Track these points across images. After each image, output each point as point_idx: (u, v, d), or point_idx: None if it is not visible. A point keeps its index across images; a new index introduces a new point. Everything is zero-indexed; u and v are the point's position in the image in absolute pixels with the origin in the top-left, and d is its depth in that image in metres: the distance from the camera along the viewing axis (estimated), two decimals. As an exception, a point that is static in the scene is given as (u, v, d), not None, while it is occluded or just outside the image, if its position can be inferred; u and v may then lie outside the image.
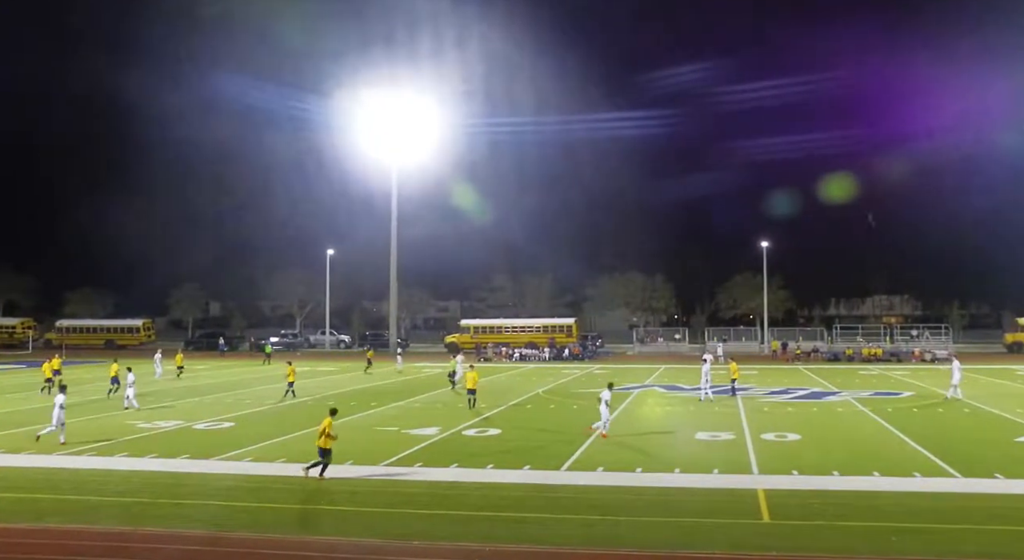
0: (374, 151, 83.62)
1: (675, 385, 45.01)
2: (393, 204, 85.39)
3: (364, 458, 23.09)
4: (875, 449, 24.62)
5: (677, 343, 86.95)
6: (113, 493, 19.09)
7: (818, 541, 15.14)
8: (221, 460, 23.08)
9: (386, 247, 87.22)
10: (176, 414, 33.01)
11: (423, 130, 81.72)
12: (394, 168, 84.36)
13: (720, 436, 26.83)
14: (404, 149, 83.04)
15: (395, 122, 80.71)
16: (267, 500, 18.44)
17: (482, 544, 14.97)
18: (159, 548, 15.14)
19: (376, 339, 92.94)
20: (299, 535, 15.73)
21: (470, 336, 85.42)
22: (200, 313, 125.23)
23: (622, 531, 15.88)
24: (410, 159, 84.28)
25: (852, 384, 45.69)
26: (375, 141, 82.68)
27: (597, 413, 26.57)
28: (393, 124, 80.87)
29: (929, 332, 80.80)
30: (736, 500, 18.22)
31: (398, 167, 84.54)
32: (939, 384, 44.89)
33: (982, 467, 21.40)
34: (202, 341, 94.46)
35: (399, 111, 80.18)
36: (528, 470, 21.35)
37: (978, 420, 31.00)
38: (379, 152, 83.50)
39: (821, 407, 35.12)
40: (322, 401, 37.39)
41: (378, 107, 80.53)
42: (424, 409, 34.67)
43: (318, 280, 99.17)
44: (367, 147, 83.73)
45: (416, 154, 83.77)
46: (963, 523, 16.44)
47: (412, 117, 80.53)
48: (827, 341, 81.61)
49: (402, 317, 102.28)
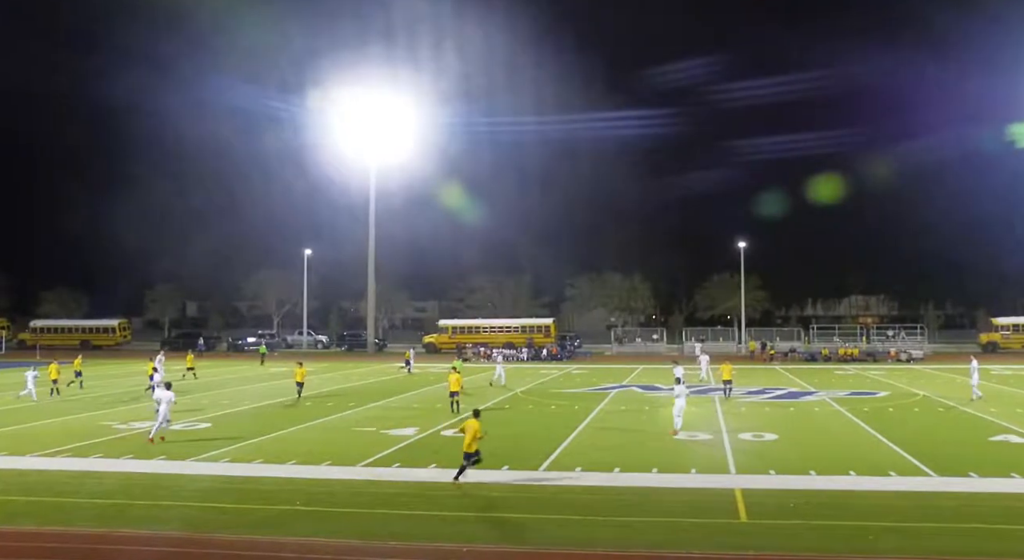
0: (353, 151, 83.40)
1: (653, 385, 45.07)
2: (371, 204, 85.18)
3: (342, 459, 23.01)
4: (851, 448, 24.77)
5: (655, 343, 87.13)
6: (88, 494, 18.93)
7: (795, 540, 15.21)
8: (198, 461, 22.94)
9: (364, 247, 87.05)
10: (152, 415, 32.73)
11: (402, 129, 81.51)
12: (373, 168, 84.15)
13: (698, 436, 26.90)
14: (383, 149, 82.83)
15: (374, 121, 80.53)
16: (244, 501, 18.33)
17: (460, 544, 14.94)
18: (135, 550, 15.03)
19: (354, 339, 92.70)
20: (276, 536, 15.64)
21: (448, 336, 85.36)
22: (177, 313, 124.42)
23: (600, 531, 15.89)
24: (389, 159, 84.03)
25: (829, 384, 45.94)
26: (354, 141, 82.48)
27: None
28: (372, 123, 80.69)
29: (905, 332, 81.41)
30: (713, 500, 18.27)
31: (377, 167, 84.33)
32: (914, 384, 45.23)
33: (957, 466, 21.56)
34: (179, 341, 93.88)
35: (378, 110, 79.99)
36: (506, 470, 21.33)
37: (953, 419, 31.24)
38: (358, 152, 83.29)
39: (798, 407, 35.30)
40: (299, 402, 37.27)
41: (357, 106, 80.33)
42: (402, 410, 34.60)
43: (296, 280, 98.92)
44: (346, 147, 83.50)
45: (395, 154, 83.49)
46: (938, 521, 16.56)
47: (391, 116, 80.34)
48: (804, 341, 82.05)
49: (380, 317, 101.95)
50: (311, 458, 23.10)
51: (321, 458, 23.02)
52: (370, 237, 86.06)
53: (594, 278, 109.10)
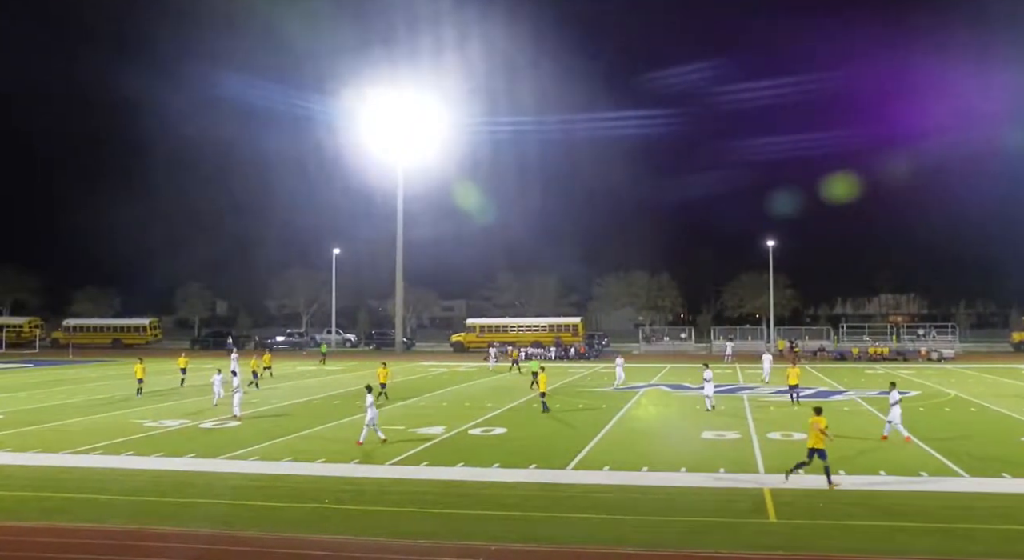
0: (380, 150, 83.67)
1: (681, 384, 44.94)
2: (399, 203, 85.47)
3: (370, 457, 23.12)
4: (881, 448, 24.58)
5: (683, 342, 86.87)
6: (119, 491, 19.11)
7: (825, 540, 15.13)
8: (227, 459, 23.11)
9: (392, 246, 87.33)
10: (182, 413, 33.02)
11: (428, 129, 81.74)
12: (400, 167, 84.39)
13: (726, 435, 26.81)
14: (409, 148, 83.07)
15: (400, 121, 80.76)
16: (273, 499, 18.45)
17: (488, 543, 14.96)
18: (167, 547, 15.15)
19: (382, 338, 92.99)
20: (306, 534, 15.72)
21: (476, 335, 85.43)
22: (207, 312, 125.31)
23: (628, 530, 15.87)
24: (415, 158, 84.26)
25: (858, 383, 45.63)
26: (381, 140, 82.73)
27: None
28: (398, 123, 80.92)
29: (936, 331, 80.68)
30: (742, 499, 18.19)
31: (404, 166, 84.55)
32: (945, 383, 44.83)
33: (989, 466, 21.36)
34: (208, 340, 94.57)
35: (404, 110, 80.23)
36: (534, 469, 21.35)
37: (985, 419, 30.93)
38: (385, 151, 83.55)
39: (827, 406, 34.96)
40: (327, 400, 37.47)
41: (383, 106, 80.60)
42: (430, 408, 34.69)
43: (324, 279, 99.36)
44: (373, 146, 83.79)
45: (421, 153, 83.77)
46: (970, 522, 16.41)
47: (417, 116, 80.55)
48: (833, 340, 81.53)
49: (408, 316, 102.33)
50: (339, 456, 23.20)
51: (350, 457, 23.13)
52: (398, 236, 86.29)
53: (621, 277, 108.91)
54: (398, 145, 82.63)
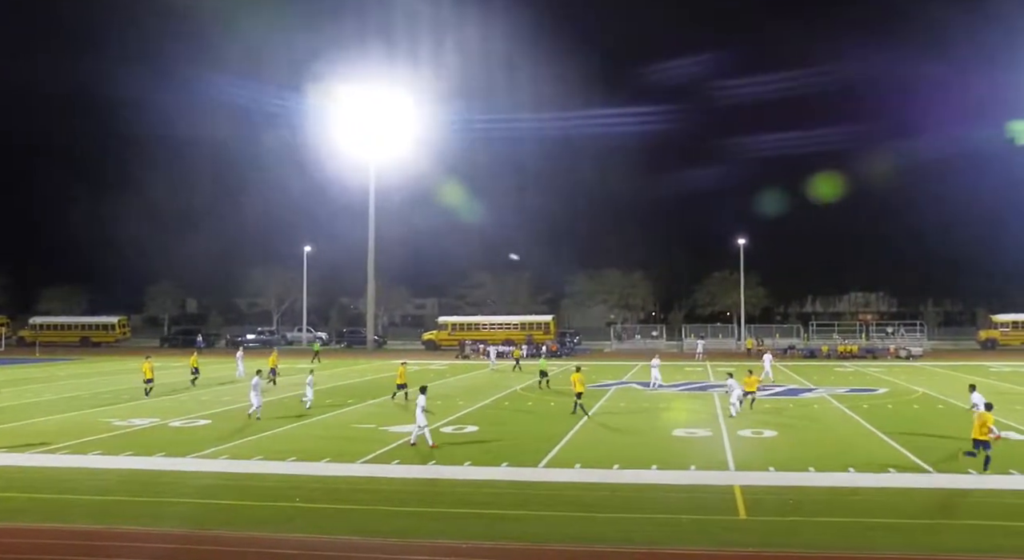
0: (352, 147, 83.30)
1: (652, 382, 45.06)
2: (371, 201, 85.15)
3: (342, 456, 23.05)
4: (850, 445, 24.79)
5: (654, 340, 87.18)
6: (87, 491, 18.95)
7: (794, 537, 15.23)
8: (197, 458, 22.96)
9: (364, 244, 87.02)
10: (151, 411, 32.77)
11: (402, 126, 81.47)
12: (372, 165, 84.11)
13: (697, 433, 26.93)
14: (383, 145, 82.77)
15: (374, 118, 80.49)
16: (244, 498, 18.36)
17: (459, 541, 14.96)
18: (135, 546, 15.03)
19: (353, 336, 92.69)
20: (276, 533, 15.65)
21: (448, 333, 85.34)
22: (176, 310, 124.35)
23: (599, 528, 15.91)
24: (389, 156, 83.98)
25: (828, 381, 45.98)
26: (354, 137, 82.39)
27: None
28: (372, 120, 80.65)
29: (904, 329, 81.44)
30: (713, 496, 18.29)
31: (376, 164, 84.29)
32: (913, 380, 45.26)
33: (955, 463, 21.57)
34: (178, 338, 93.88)
35: (378, 107, 79.97)
36: (506, 467, 21.37)
37: (951, 416, 31.22)
38: (357, 148, 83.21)
39: (797, 404, 35.31)
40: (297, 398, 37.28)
41: (357, 103, 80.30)
42: (401, 406, 34.59)
43: (295, 277, 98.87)
44: (345, 143, 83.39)
45: (395, 151, 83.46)
46: (937, 518, 16.59)
47: (391, 113, 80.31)
48: (803, 338, 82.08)
49: (380, 314, 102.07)
50: (311, 455, 23.12)
51: (321, 455, 23.05)
52: (370, 234, 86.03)
53: (593, 275, 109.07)
54: (370, 142, 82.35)
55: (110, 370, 56.05)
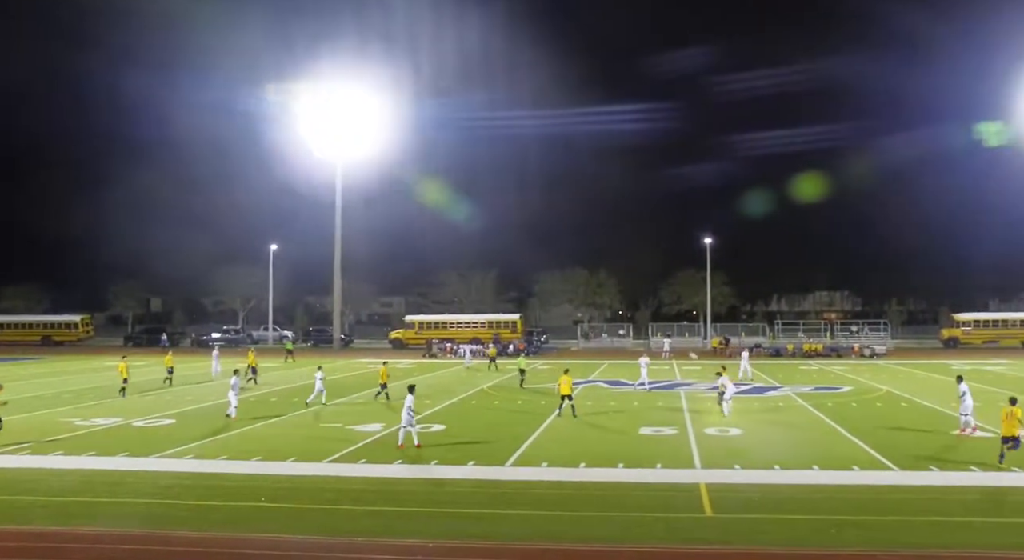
0: (319, 145, 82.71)
1: (619, 381, 45.21)
2: (338, 199, 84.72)
3: (308, 455, 22.91)
4: (815, 443, 25.00)
5: (621, 339, 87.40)
6: (48, 492, 18.72)
7: (759, 534, 15.33)
8: (161, 458, 22.75)
9: (330, 242, 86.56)
10: (115, 411, 32.43)
11: (369, 124, 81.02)
12: (339, 163, 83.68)
13: (663, 431, 27.03)
14: (349, 143, 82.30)
15: (340, 115, 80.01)
16: (208, 498, 18.20)
17: (425, 541, 14.92)
18: (96, 548, 14.86)
19: (320, 335, 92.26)
20: (241, 533, 15.53)
21: (415, 332, 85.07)
22: (141, 309, 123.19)
23: (565, 526, 15.93)
24: (356, 154, 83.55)
25: (793, 379, 46.29)
26: (320, 135, 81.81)
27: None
28: (338, 117, 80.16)
29: (868, 328, 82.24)
30: (679, 494, 18.38)
31: (343, 162, 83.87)
32: (877, 379, 45.68)
33: (918, 460, 21.81)
34: (142, 337, 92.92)
35: (345, 105, 79.51)
36: (472, 466, 21.34)
37: (914, 414, 31.55)
38: (324, 146, 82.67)
39: (763, 402, 35.54)
40: (264, 398, 37.06)
41: (323, 100, 79.79)
42: (367, 405, 34.47)
43: (261, 276, 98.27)
44: (312, 141, 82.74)
45: (362, 149, 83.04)
46: (900, 514, 16.73)
47: (358, 110, 79.85)
48: (769, 337, 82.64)
49: (346, 313, 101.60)
50: (276, 454, 22.97)
51: (286, 454, 22.90)
52: (336, 232, 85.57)
53: (561, 274, 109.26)
54: (337, 140, 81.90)
55: (73, 369, 55.41)
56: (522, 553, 14.52)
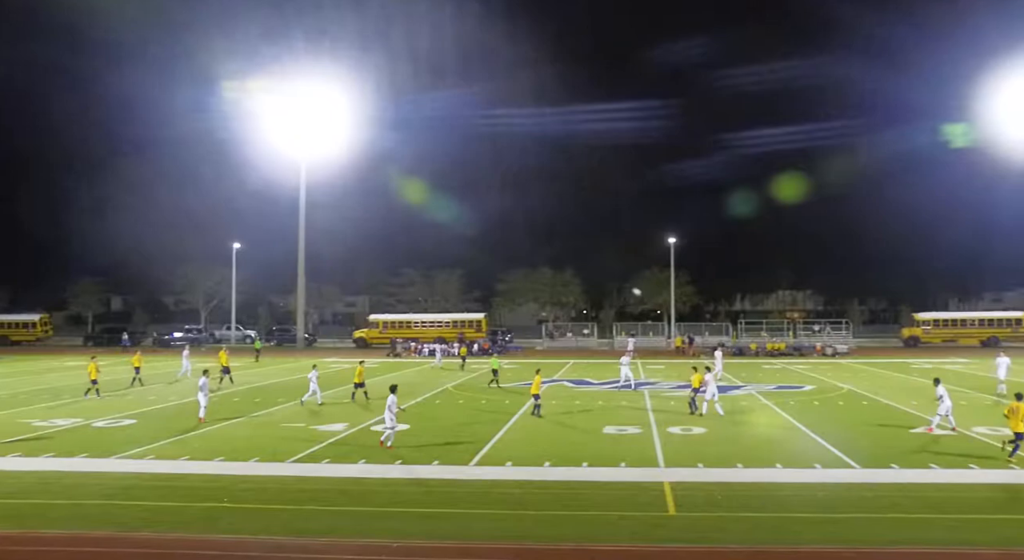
0: (283, 144, 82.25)
1: (584, 380, 45.32)
2: (301, 198, 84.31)
3: (271, 455, 22.75)
4: (778, 442, 25.17)
5: (586, 338, 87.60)
6: (4, 495, 18.42)
7: (722, 532, 15.40)
8: (122, 458, 22.49)
9: (294, 241, 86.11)
10: (74, 412, 32.02)
11: (334, 122, 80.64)
12: (303, 161, 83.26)
13: (627, 430, 27.10)
14: (313, 141, 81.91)
15: (305, 114, 79.59)
16: (169, 498, 18.01)
17: (389, 540, 14.86)
18: (53, 551, 14.66)
19: (283, 334, 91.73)
20: (203, 534, 15.38)
21: (379, 331, 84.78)
22: (101, 308, 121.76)
23: (529, 525, 15.92)
24: (319, 152, 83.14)
25: (756, 378, 46.58)
26: (285, 133, 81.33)
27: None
28: (303, 116, 79.73)
29: (830, 327, 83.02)
30: (642, 493, 18.42)
31: (307, 160, 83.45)
32: (839, 377, 46.09)
33: (879, 458, 22.03)
34: (103, 337, 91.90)
35: (309, 102, 79.09)
36: (437, 465, 21.29)
37: (875, 412, 31.85)
38: (288, 145, 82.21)
39: (725, 401, 35.67)
40: (226, 397, 36.76)
41: (287, 99, 79.34)
42: (331, 405, 34.28)
43: (224, 274, 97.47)
44: (276, 140, 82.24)
45: (326, 148, 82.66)
46: (861, 512, 16.87)
47: (322, 109, 79.48)
48: (732, 335, 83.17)
49: (310, 312, 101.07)
50: (239, 454, 22.79)
51: (249, 454, 22.74)
52: (300, 231, 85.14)
53: (526, 272, 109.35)
54: (301, 138, 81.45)
55: (31, 370, 54.65)
56: (486, 552, 14.49)
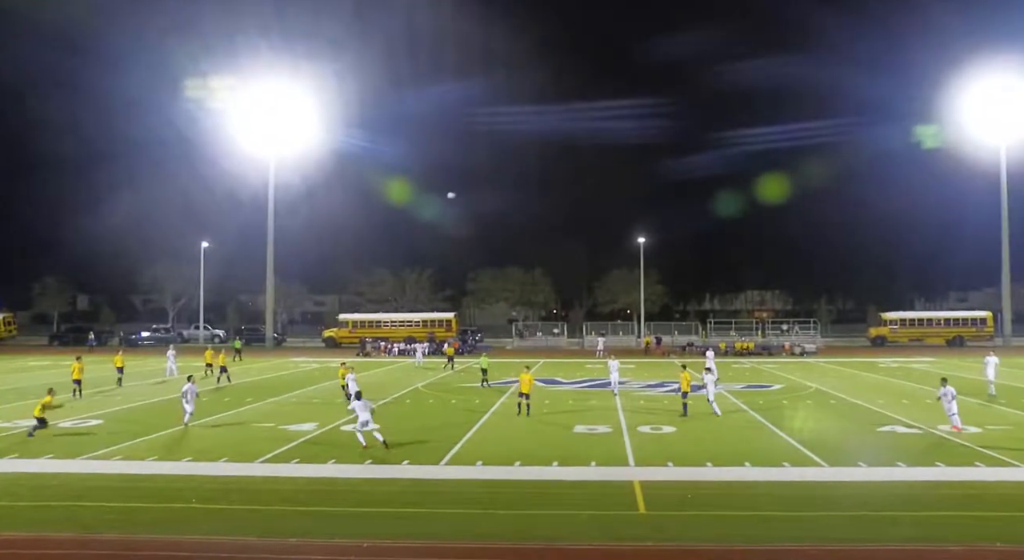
0: (252, 143, 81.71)
1: (554, 379, 45.40)
2: (270, 197, 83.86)
3: (240, 455, 22.60)
4: (747, 440, 25.30)
5: (556, 337, 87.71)
6: (-31, 496, 18.21)
7: (692, 530, 15.48)
8: (88, 459, 22.27)
9: (263, 240, 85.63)
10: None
11: (301, 121, 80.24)
12: (272, 160, 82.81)
13: (597, 429, 27.17)
14: (283, 140, 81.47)
15: (273, 112, 79.10)
16: (137, 499, 17.85)
17: (359, 540, 14.81)
18: (18, 553, 14.48)
19: (252, 333, 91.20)
20: (171, 535, 15.26)
21: (349, 330, 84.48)
22: (67, 307, 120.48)
23: (500, 524, 15.93)
24: (288, 150, 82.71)
25: (725, 377, 46.70)
26: (253, 132, 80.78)
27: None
28: (271, 114, 79.24)
29: (798, 326, 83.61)
30: (613, 492, 18.48)
31: (276, 159, 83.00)
32: (807, 377, 46.43)
33: (847, 456, 22.22)
34: (68, 336, 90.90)
35: (277, 101, 78.64)
36: (407, 465, 21.24)
37: (843, 411, 32.13)
38: (257, 143, 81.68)
39: (695, 400, 35.80)
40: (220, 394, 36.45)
41: (256, 98, 78.83)
42: (301, 405, 34.14)
43: (192, 273, 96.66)
44: (244, 139, 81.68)
45: (295, 146, 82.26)
46: (829, 509, 17.02)
47: (290, 107, 79.05)
48: (701, 335, 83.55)
49: (278, 311, 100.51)
50: (207, 455, 22.63)
51: (218, 455, 22.58)
52: (269, 230, 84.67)
53: (496, 272, 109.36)
54: (270, 137, 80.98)
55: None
56: (457, 552, 14.48)
